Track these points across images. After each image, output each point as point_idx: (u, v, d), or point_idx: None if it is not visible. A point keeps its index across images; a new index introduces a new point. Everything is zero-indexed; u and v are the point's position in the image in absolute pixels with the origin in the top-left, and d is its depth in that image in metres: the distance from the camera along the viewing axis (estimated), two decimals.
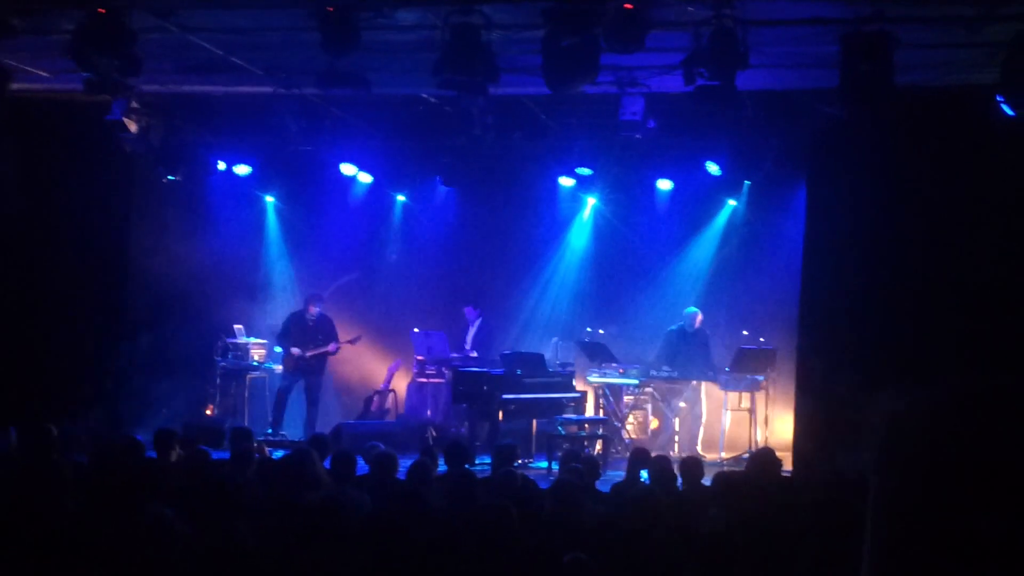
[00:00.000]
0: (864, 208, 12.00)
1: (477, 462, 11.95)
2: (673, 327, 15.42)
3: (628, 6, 9.27)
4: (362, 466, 9.90)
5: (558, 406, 14.34)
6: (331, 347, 15.65)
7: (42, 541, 6.78)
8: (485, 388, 14.28)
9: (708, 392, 15.15)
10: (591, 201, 16.89)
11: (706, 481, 9.37)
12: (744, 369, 14.56)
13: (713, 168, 14.61)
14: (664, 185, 16.08)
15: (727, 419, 14.70)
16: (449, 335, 16.27)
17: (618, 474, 11.24)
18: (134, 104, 12.78)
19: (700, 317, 15.33)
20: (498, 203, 16.89)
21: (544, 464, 13.31)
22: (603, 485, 10.18)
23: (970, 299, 10.79)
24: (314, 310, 15.71)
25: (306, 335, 15.60)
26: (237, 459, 9.59)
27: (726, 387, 14.73)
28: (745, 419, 14.55)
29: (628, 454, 11.49)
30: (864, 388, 10.67)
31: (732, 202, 16.06)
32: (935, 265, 11.42)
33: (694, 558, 7.05)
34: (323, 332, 15.66)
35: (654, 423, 15.49)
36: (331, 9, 9.67)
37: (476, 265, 17.20)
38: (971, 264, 11.11)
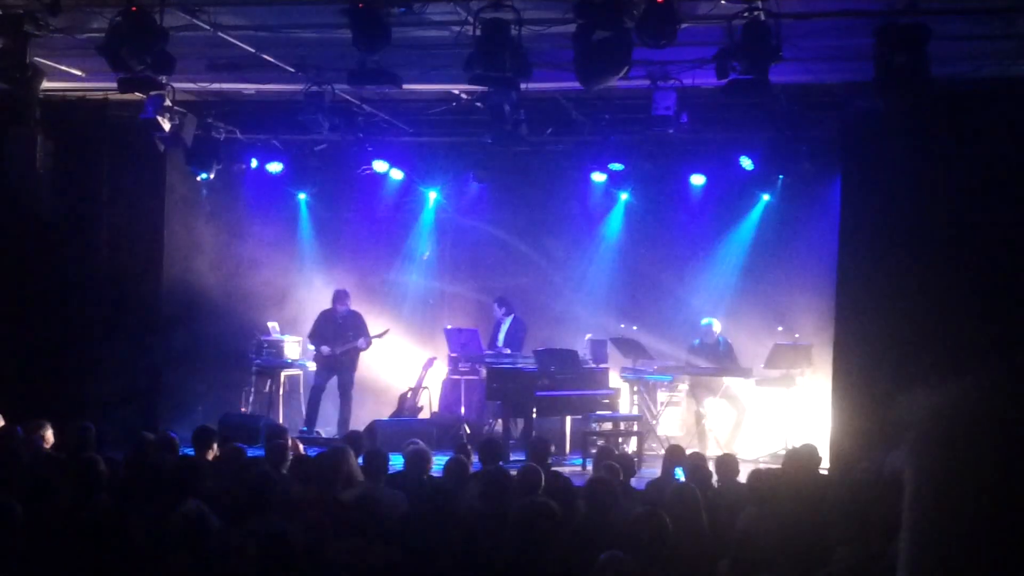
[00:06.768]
0: (899, 202, 11.86)
1: (511, 459, 11.95)
2: (695, 342, 15.28)
3: (660, 0, 9.23)
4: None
5: (592, 403, 14.29)
6: (360, 343, 15.60)
7: (78, 537, 6.82)
8: (519, 385, 14.27)
9: (742, 390, 14.99)
10: (623, 196, 16.82)
11: (741, 479, 9.32)
12: (780, 365, 14.44)
13: (747, 163, 14.55)
14: (697, 180, 15.98)
15: (763, 417, 14.61)
16: (482, 332, 16.25)
17: (653, 472, 11.20)
18: (167, 103, 12.83)
19: (718, 327, 15.17)
20: (530, 199, 16.84)
21: (579, 461, 13.28)
22: (638, 483, 10.15)
23: (1009, 292, 10.67)
24: (343, 307, 15.69)
25: (336, 332, 15.58)
26: (272, 456, 9.63)
27: (761, 384, 14.63)
28: (782, 417, 14.40)
29: (663, 451, 11.40)
30: (902, 383, 10.55)
31: (766, 197, 15.93)
32: (972, 258, 11.28)
33: (729, 556, 7.01)
34: (353, 328, 15.62)
35: (690, 419, 15.38)
36: (361, 5, 9.66)
37: (509, 261, 17.17)
38: (1009, 257, 10.97)
